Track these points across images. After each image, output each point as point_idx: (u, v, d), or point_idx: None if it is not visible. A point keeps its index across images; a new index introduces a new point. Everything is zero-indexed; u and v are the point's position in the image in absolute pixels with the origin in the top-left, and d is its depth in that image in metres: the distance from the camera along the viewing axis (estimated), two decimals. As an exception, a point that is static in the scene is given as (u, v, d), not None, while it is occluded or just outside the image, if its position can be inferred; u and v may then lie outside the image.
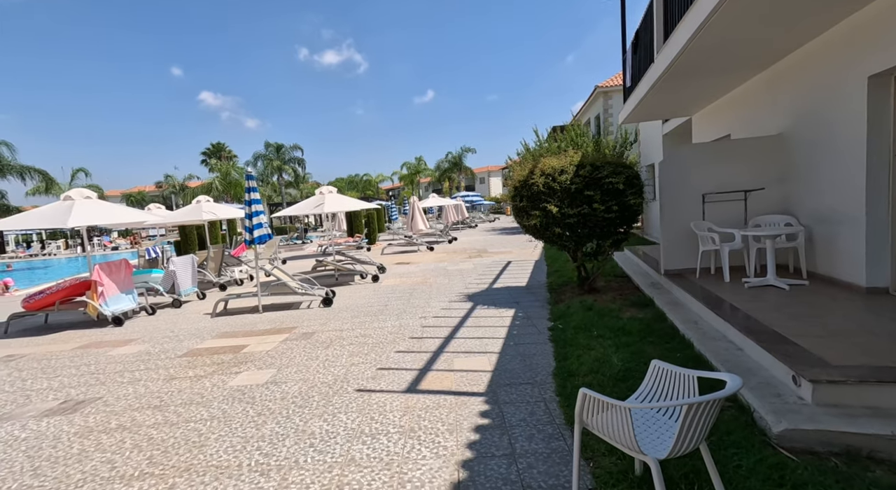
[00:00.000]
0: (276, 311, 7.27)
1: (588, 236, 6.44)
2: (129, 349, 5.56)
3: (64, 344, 6.00)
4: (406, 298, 7.65)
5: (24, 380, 4.63)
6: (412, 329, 5.68)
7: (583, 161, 6.30)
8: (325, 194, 9.75)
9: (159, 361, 4.97)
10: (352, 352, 4.89)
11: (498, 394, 3.58)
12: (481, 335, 5.20)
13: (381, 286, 9.08)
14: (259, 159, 45.47)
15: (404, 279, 9.76)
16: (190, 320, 7.03)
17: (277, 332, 5.91)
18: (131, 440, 3.14)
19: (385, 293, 8.27)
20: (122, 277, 7.26)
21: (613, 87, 20.24)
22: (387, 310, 6.86)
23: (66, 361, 5.19)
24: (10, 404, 3.98)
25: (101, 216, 6.96)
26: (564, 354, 4.28)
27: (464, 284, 8.64)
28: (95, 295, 6.76)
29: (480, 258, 12.61)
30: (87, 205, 6.92)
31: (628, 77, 9.34)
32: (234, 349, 5.28)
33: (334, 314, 6.80)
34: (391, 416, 3.31)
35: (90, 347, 5.75)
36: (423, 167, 55.69)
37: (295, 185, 49.55)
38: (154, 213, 10.55)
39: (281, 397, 3.75)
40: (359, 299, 7.83)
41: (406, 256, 14.47)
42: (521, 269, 10.07)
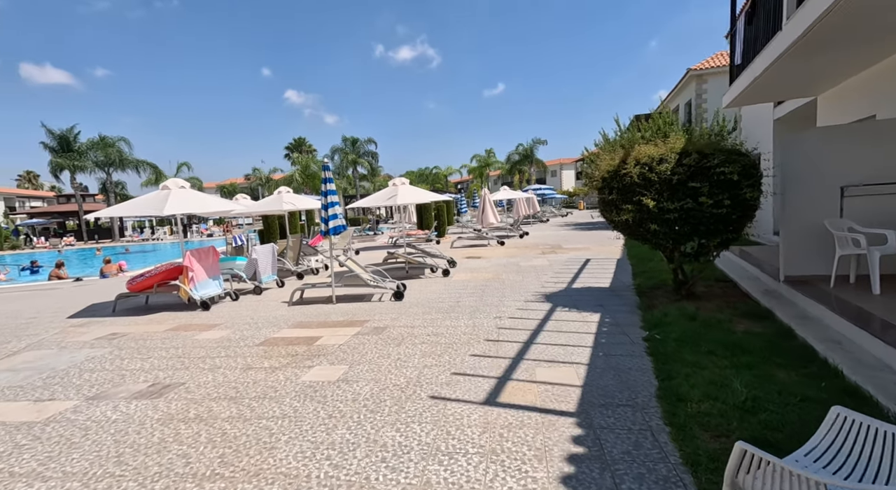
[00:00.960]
0: (348, 302, 7.26)
1: (689, 234, 5.63)
2: (213, 334, 5.76)
3: (158, 325, 6.39)
4: (478, 295, 7.29)
5: (122, 359, 4.92)
6: (487, 330, 5.30)
7: (687, 148, 5.49)
8: (399, 186, 9.65)
9: (238, 349, 5.05)
10: (424, 352, 4.62)
11: (591, 415, 3.09)
12: (565, 342, 4.69)
13: (452, 281, 8.81)
14: (336, 153, 47.48)
15: (475, 274, 9.41)
16: (268, 308, 7.23)
17: (350, 325, 5.83)
18: (206, 434, 3.09)
19: (456, 289, 7.97)
20: (209, 264, 7.64)
21: (710, 68, 18.24)
22: (459, 307, 6.55)
23: (158, 343, 5.47)
24: (108, 383, 4.18)
25: (193, 205, 7.35)
26: (668, 372, 3.66)
27: (539, 283, 8.10)
28: (187, 279, 7.16)
29: (555, 254, 11.91)
30: (181, 194, 7.33)
31: (738, 53, 8.14)
32: (307, 340, 5.25)
33: (405, 309, 6.61)
34: (469, 432, 2.96)
35: (179, 330, 6.05)
36: (493, 160, 54.91)
37: (368, 178, 51.18)
38: (240, 203, 11.14)
39: (352, 398, 3.56)
40: (430, 294, 7.60)
41: (476, 250, 14.12)
42: (601, 269, 9.29)
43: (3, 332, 6.46)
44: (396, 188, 9.58)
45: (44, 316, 7.49)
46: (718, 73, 18.17)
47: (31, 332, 6.33)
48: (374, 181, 50.96)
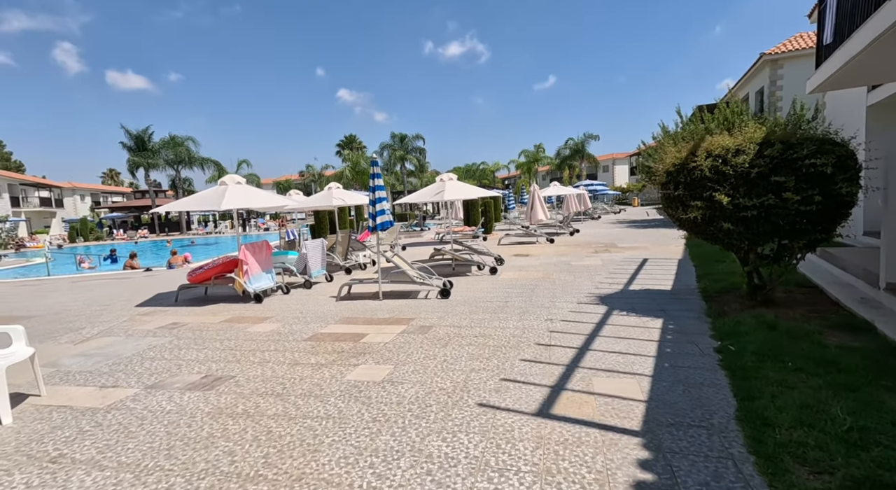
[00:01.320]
0: (395, 299, 7.20)
1: (769, 234, 5.04)
2: (264, 327, 5.87)
3: (214, 316, 6.63)
4: (528, 295, 6.99)
5: (179, 349, 5.10)
6: (537, 333, 5.02)
7: (769, 138, 4.90)
8: (446, 181, 9.49)
9: (286, 343, 5.09)
10: (471, 354, 4.42)
11: (660, 436, 2.76)
12: (624, 349, 4.33)
13: (500, 279, 8.54)
14: (385, 149, 48.22)
15: (524, 273, 9.09)
16: (317, 302, 7.31)
17: (396, 323, 5.74)
18: (252, 431, 3.06)
19: (504, 287, 7.71)
20: (263, 258, 7.85)
21: (788, 52, 16.63)
22: (507, 307, 6.29)
23: (213, 334, 5.64)
24: (166, 373, 4.32)
25: (247, 200, 7.57)
26: (748, 390, 3.24)
27: (593, 283, 7.66)
28: (241, 273, 7.38)
29: (609, 253, 11.31)
30: (237, 190, 7.57)
31: (828, 31, 7.22)
32: (354, 337, 5.21)
33: (451, 307, 6.45)
34: (521, 446, 2.73)
35: (233, 322, 6.23)
36: (542, 155, 53.68)
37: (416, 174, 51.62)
38: (293, 198, 11.44)
39: (397, 401, 3.43)
40: (477, 292, 7.39)
41: (524, 248, 13.73)
42: (661, 270, 8.67)
43: (81, 318, 6.95)
44: (443, 184, 9.43)
45: (116, 304, 8.01)
46: (797, 57, 16.54)
47: (104, 319, 6.77)
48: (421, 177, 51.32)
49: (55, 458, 2.82)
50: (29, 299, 9.05)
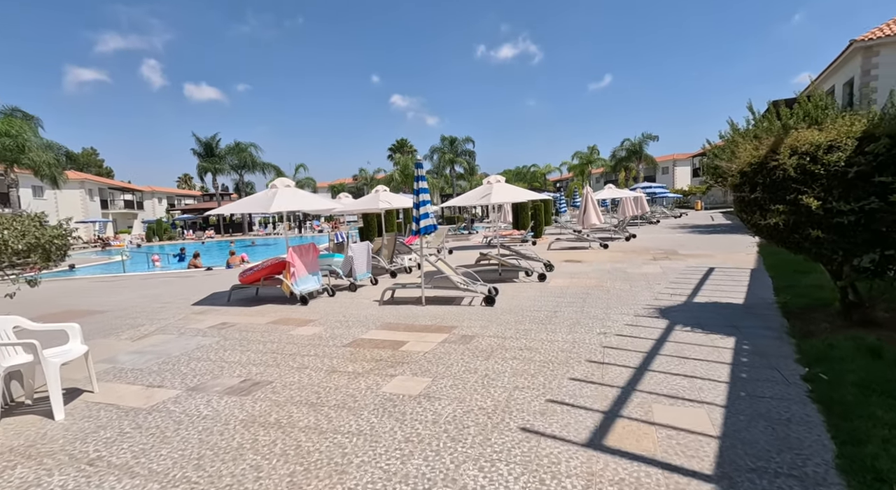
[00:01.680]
0: (438, 305, 7.00)
1: (869, 243, 4.32)
2: (306, 330, 5.85)
3: (261, 317, 6.74)
4: (579, 305, 6.53)
5: (224, 349, 5.17)
6: (589, 348, 4.60)
7: (871, 132, 4.19)
8: (493, 184, 9.19)
9: (326, 349, 5.02)
10: (515, 369, 4.10)
11: (738, 485, 2.32)
12: (689, 371, 3.83)
13: (549, 287, 8.10)
14: (435, 152, 48.58)
15: (575, 280, 8.58)
16: (360, 306, 7.26)
17: (437, 331, 5.52)
18: (282, 444, 2.94)
19: (553, 296, 7.28)
20: (310, 260, 7.94)
21: (885, 38, 14.79)
22: (556, 317, 5.89)
23: (258, 336, 5.70)
24: (208, 374, 4.36)
25: (297, 203, 7.68)
26: (851, 432, 2.69)
27: (652, 294, 7.05)
28: (288, 274, 7.49)
29: (669, 261, 10.49)
30: (287, 193, 7.70)
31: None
32: (393, 345, 5.04)
33: (496, 316, 6.14)
34: (568, 484, 2.40)
35: (278, 324, 6.29)
36: (596, 157, 51.79)
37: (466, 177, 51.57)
38: (342, 201, 11.61)
39: (433, 419, 3.19)
40: (523, 300, 7.02)
41: (576, 253, 13.11)
42: (731, 281, 7.85)
43: (143, 315, 7.33)
44: (490, 186, 9.13)
45: (175, 301, 8.42)
46: (893, 44, 14.66)
47: (162, 316, 7.09)
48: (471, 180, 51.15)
49: (93, 461, 2.84)
50: (104, 295, 9.76)
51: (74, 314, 7.62)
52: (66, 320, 7.07)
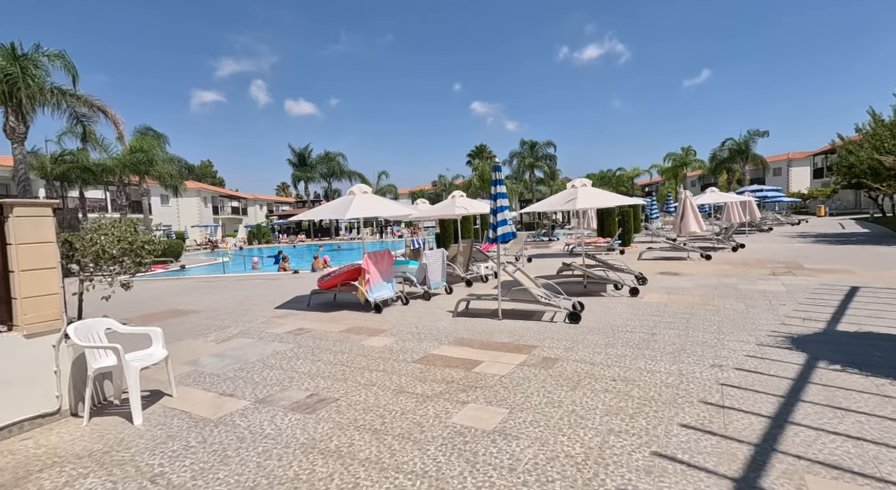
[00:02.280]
0: (515, 319, 6.46)
1: None
2: (378, 341, 5.65)
3: (336, 324, 6.70)
4: (682, 327, 5.61)
5: (297, 358, 5.12)
6: (702, 384, 3.79)
7: None
8: (578, 188, 8.43)
9: (396, 364, 4.74)
10: (609, 406, 3.46)
11: None
12: (854, 431, 2.91)
13: (642, 303, 7.17)
14: (514, 157, 47.76)
15: (674, 297, 7.52)
16: (433, 316, 6.95)
17: (515, 350, 5.00)
18: (339, 479, 2.64)
19: (649, 314, 6.38)
20: (384, 267, 7.83)
21: None
22: (655, 342, 5.06)
23: (330, 345, 5.60)
24: (277, 385, 4.28)
25: (373, 209, 7.62)
26: None
27: (776, 317, 5.87)
28: (363, 281, 7.43)
29: (794, 277, 8.88)
30: (363, 200, 7.68)
31: None
32: (466, 364, 4.62)
33: (582, 335, 5.45)
34: None
35: (351, 333, 6.18)
36: (692, 158, 47.39)
37: (546, 182, 50.06)
38: (418, 207, 11.52)
39: (509, 466, 2.69)
40: (614, 319, 6.23)
41: (671, 265, 11.74)
42: (886, 305, 6.33)
43: (230, 316, 7.71)
44: (576, 190, 8.37)
45: (261, 304, 8.80)
46: None
47: (247, 319, 7.38)
48: (551, 185, 49.51)
49: (155, 477, 2.76)
50: (203, 294, 10.58)
51: (176, 313, 8.26)
52: (169, 319, 7.67)
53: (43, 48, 15.22)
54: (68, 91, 15.96)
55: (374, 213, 7.58)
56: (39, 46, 15.20)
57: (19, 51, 14.83)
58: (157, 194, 40.22)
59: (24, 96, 14.44)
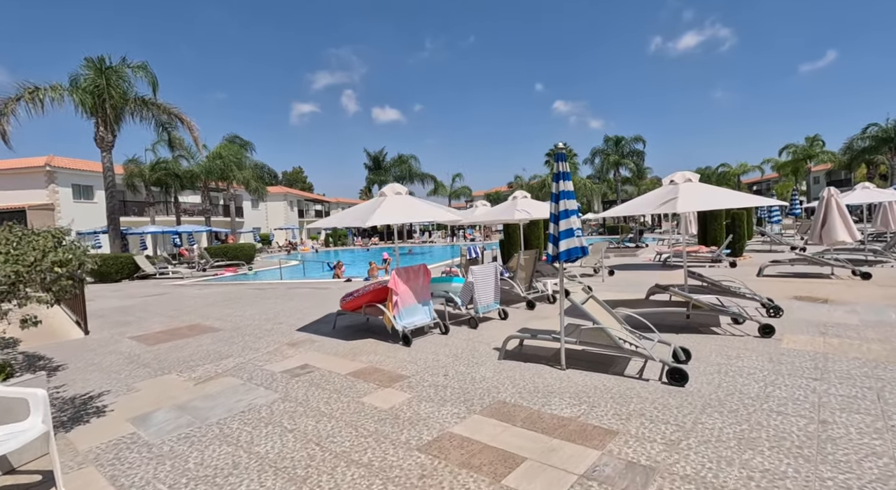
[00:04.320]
0: (586, 369, 4.57)
1: None
2: (387, 398, 4.11)
3: (349, 362, 5.29)
4: (870, 403, 3.34)
5: (268, 423, 3.75)
6: None
7: None
8: (680, 184, 6.20)
9: (392, 451, 3.14)
10: None
11: None
12: None
13: (784, 351, 4.84)
14: (596, 155, 44.13)
15: (834, 341, 5.06)
16: (475, 356, 5.26)
17: (580, 439, 3.15)
18: None
19: (801, 374, 4.11)
20: (419, 286, 6.30)
21: None
22: (832, 441, 2.91)
23: (324, 399, 4.17)
24: (220, 474, 2.89)
25: (406, 214, 6.13)
26: None
27: None
28: (391, 304, 5.96)
29: None
30: (395, 202, 6.22)
31: None
32: (497, 464, 2.89)
33: (692, 413, 3.43)
34: None
35: (360, 377, 4.71)
36: (817, 150, 40.07)
37: (633, 181, 45.62)
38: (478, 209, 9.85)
39: None
40: (742, 380, 4.06)
41: (810, 285, 8.81)
42: None
43: (243, 339, 6.67)
44: (676, 188, 6.16)
45: (287, 322, 7.72)
46: None
47: (257, 346, 6.26)
48: (639, 184, 44.98)
49: None
50: (242, 306, 9.86)
51: (193, 330, 7.44)
52: (177, 339, 6.75)
53: (128, 61, 16.04)
54: (149, 100, 16.73)
55: (406, 218, 6.08)
56: (125, 59, 16.04)
57: (107, 63, 15.71)
58: (248, 199, 42.86)
59: (108, 106, 15.24)
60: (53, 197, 28.66)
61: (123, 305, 10.43)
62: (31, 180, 28.39)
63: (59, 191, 28.71)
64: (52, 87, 14.77)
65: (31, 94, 14.40)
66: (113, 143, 16.33)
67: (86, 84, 15.10)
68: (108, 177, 16.31)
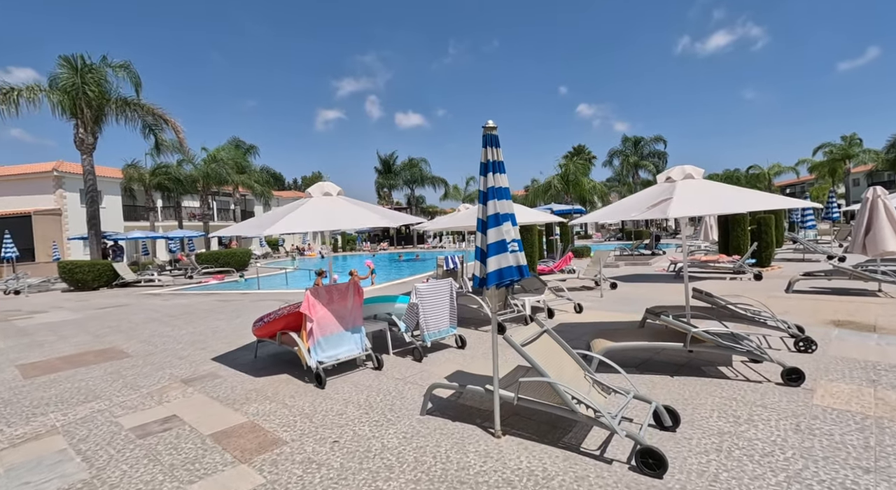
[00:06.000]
0: (529, 435, 3.26)
1: None
2: (227, 486, 2.88)
3: (232, 412, 4.10)
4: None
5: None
6: None
7: None
8: (677, 181, 4.80)
9: None
10: None
11: None
12: None
13: (816, 409, 3.41)
14: (614, 156, 42.17)
15: (889, 396, 3.57)
16: (396, 406, 4.00)
17: None
18: None
19: (842, 452, 2.68)
20: (347, 308, 5.06)
21: None
22: None
23: (150, 476, 2.98)
24: None
25: (330, 220, 4.90)
26: None
27: None
28: (305, 333, 4.76)
29: None
30: (319, 206, 5.02)
31: None
32: None
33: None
34: None
35: (224, 442, 3.50)
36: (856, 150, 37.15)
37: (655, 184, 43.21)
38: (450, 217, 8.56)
39: None
40: (752, 466, 2.67)
41: (850, 304, 7.20)
42: None
43: (139, 371, 5.57)
44: (673, 186, 4.75)
45: (211, 347, 6.60)
46: None
47: (143, 383, 5.09)
48: (660, 187, 42.57)
49: None
50: (181, 322, 8.83)
51: (102, 356, 6.36)
52: (65, 369, 5.53)
53: (108, 60, 15.46)
54: (132, 100, 16.12)
55: (325, 225, 4.84)
56: (105, 58, 15.47)
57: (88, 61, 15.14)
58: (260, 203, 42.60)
59: (84, 105, 14.64)
60: (61, 202, 28.77)
61: (65, 320, 9.54)
62: (40, 186, 28.56)
63: (67, 196, 28.79)
64: (28, 87, 14.30)
65: (6, 95, 13.95)
66: (94, 146, 15.76)
67: (63, 84, 14.55)
68: (89, 180, 15.73)
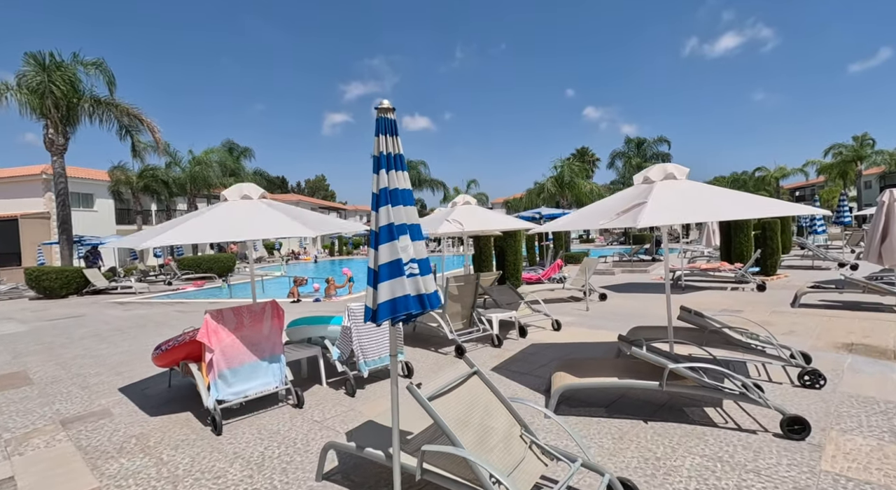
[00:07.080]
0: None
1: None
2: None
3: (84, 475, 3.30)
4: None
5: None
6: None
7: None
8: (657, 183, 3.96)
9: None
10: None
11: None
12: None
13: (823, 478, 2.55)
14: (617, 158, 41.09)
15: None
16: (297, 461, 3.19)
17: None
18: None
19: None
20: (262, 332, 4.26)
21: None
22: None
23: None
24: None
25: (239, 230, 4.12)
26: None
27: None
28: (204, 365, 3.96)
29: None
30: (235, 210, 4.25)
31: None
32: None
33: None
34: None
35: None
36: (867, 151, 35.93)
37: (657, 187, 42.10)
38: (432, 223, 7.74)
39: None
40: None
41: (865, 322, 6.27)
42: None
43: (23, 406, 4.82)
44: (650, 187, 3.92)
45: (129, 372, 5.83)
46: None
47: (17, 425, 4.30)
48: (664, 189, 41.45)
49: None
50: (122, 337, 8.07)
51: (5, 382, 5.61)
52: None
53: (79, 57, 14.87)
54: (105, 100, 15.51)
55: (237, 235, 4.06)
56: (76, 55, 14.88)
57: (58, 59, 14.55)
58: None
59: (51, 105, 14.04)
60: (50, 205, 28.32)
61: (4, 333, 8.82)
62: (28, 189, 28.14)
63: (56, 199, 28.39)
64: (-7, 85, 13.76)
65: (-30, 94, 13.41)
66: (65, 147, 15.15)
67: (30, 82, 13.97)
68: (60, 183, 15.12)
